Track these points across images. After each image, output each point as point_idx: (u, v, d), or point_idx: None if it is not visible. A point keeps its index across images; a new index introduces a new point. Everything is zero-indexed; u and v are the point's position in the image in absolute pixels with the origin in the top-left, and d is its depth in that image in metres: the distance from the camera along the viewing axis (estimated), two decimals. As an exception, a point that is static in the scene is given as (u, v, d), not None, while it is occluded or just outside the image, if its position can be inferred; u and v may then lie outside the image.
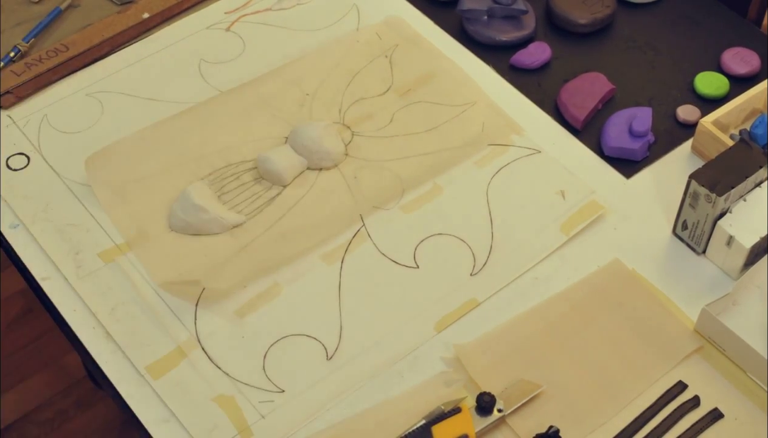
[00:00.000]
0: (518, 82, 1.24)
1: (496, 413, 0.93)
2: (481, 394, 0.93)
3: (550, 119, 1.20)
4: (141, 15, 1.29)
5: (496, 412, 0.93)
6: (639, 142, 1.14)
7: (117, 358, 0.99)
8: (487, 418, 0.93)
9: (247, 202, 1.11)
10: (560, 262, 1.07)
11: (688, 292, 1.04)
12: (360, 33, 1.29)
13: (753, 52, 1.24)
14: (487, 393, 0.93)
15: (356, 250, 1.08)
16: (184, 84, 1.24)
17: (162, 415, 0.95)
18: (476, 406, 0.93)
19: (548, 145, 1.17)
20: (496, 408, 0.93)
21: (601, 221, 1.10)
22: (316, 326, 1.02)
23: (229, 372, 0.98)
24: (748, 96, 1.15)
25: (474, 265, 1.06)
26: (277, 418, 0.95)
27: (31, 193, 1.12)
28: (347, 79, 1.24)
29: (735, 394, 0.96)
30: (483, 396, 0.93)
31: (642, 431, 0.94)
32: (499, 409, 0.93)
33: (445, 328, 1.01)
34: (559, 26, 1.30)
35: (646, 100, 1.22)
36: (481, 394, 0.93)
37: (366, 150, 1.17)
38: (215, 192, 1.11)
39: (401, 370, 0.99)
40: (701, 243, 1.06)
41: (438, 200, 1.12)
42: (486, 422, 0.93)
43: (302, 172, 1.14)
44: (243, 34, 1.30)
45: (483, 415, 0.93)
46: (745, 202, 1.03)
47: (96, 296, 1.03)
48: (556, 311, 1.02)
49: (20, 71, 1.22)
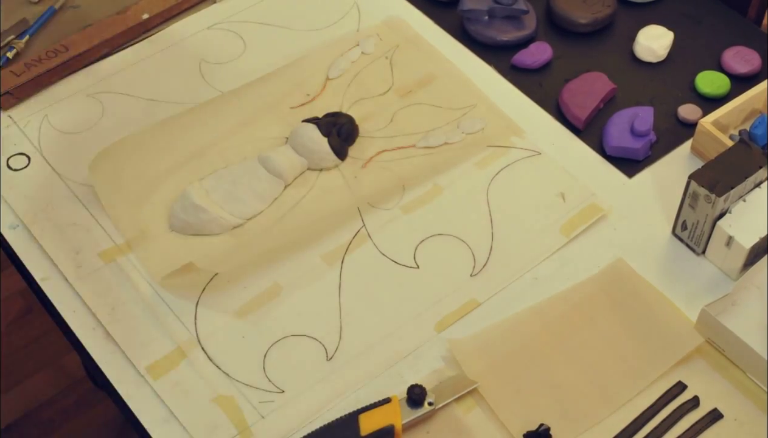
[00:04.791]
0: (519, 82, 1.24)
1: (426, 406, 0.93)
2: (412, 386, 0.93)
3: (551, 119, 1.20)
4: (141, 15, 1.29)
5: (426, 405, 0.93)
6: (641, 141, 1.14)
7: (117, 358, 0.99)
8: (417, 410, 0.93)
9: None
10: (560, 262, 1.07)
11: (688, 292, 1.04)
12: (360, 33, 1.29)
13: (754, 52, 1.24)
14: (417, 385, 0.93)
15: (356, 250, 1.08)
16: (184, 84, 1.24)
17: (162, 416, 0.95)
18: (407, 398, 0.93)
19: (550, 145, 1.17)
20: (427, 401, 0.93)
21: (602, 221, 1.10)
22: (316, 326, 1.02)
23: (229, 372, 0.98)
24: (747, 96, 1.15)
25: (474, 266, 1.06)
26: (277, 418, 0.95)
27: (31, 193, 1.12)
28: (348, 79, 1.24)
29: (735, 394, 0.96)
30: (414, 388, 0.93)
31: (641, 431, 0.94)
32: (429, 401, 0.93)
33: (445, 329, 1.01)
34: (560, 26, 1.30)
35: (647, 100, 1.22)
36: (412, 387, 0.93)
37: (367, 150, 1.17)
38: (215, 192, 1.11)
39: (401, 370, 0.99)
40: (701, 243, 1.06)
41: (438, 201, 1.12)
42: (415, 414, 0.93)
43: (303, 172, 1.14)
44: (243, 34, 1.30)
45: (413, 407, 0.93)
46: (744, 202, 1.03)
47: (96, 296, 1.03)
48: (555, 310, 1.02)
49: (20, 72, 1.22)
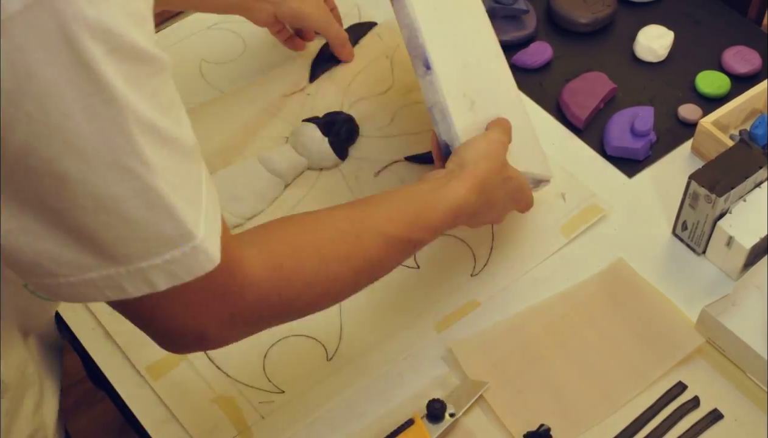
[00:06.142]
0: (520, 81, 1.23)
1: (448, 418, 0.92)
2: (431, 401, 0.92)
3: (552, 119, 1.20)
4: (142, 15, 1.29)
5: (447, 416, 0.93)
6: (641, 141, 1.14)
7: (117, 358, 0.99)
8: (440, 424, 0.92)
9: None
10: (560, 262, 1.07)
11: (688, 292, 1.04)
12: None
13: (754, 51, 1.24)
14: (436, 400, 0.92)
15: (356, 251, 1.07)
16: (184, 84, 1.24)
17: (162, 416, 0.96)
18: (427, 414, 0.93)
19: (550, 145, 1.17)
20: (447, 413, 0.93)
21: (602, 221, 1.10)
22: (316, 326, 1.02)
23: (229, 372, 0.98)
24: (747, 96, 1.15)
25: (474, 266, 1.06)
26: (277, 418, 0.95)
27: (32, 194, 1.12)
28: (348, 78, 1.24)
29: (735, 394, 0.96)
30: (433, 403, 0.92)
31: (642, 432, 0.94)
32: (450, 413, 0.93)
33: (445, 329, 1.01)
34: (561, 26, 1.30)
35: (647, 100, 1.22)
36: (431, 401, 0.92)
37: (367, 150, 1.17)
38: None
39: (401, 370, 0.99)
40: (701, 243, 1.06)
41: (438, 200, 1.12)
42: (440, 429, 0.92)
43: (303, 172, 1.14)
44: (243, 34, 1.30)
45: (435, 422, 0.92)
46: (744, 202, 1.03)
47: (96, 297, 1.03)
48: (556, 310, 1.02)
49: (21, 72, 1.22)
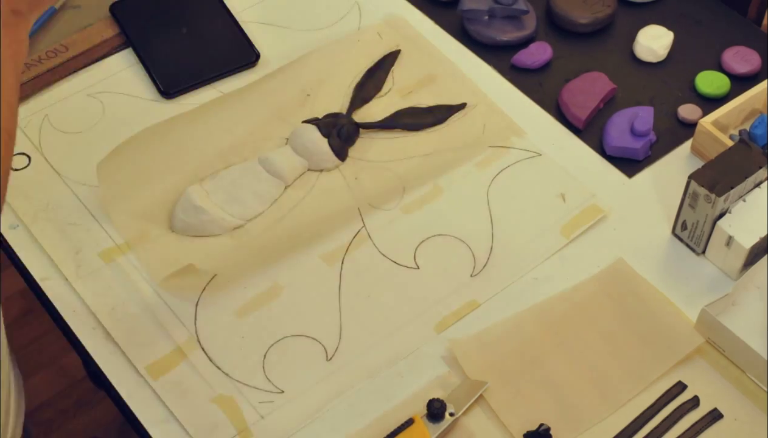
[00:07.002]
0: (519, 82, 1.24)
1: (448, 417, 0.92)
2: (431, 400, 0.92)
3: (551, 119, 1.20)
4: (142, 15, 1.29)
5: (447, 416, 0.92)
6: (641, 141, 1.14)
7: (117, 358, 0.99)
8: (440, 424, 0.92)
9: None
10: (560, 262, 1.07)
11: (688, 292, 1.04)
12: (361, 32, 1.29)
13: (754, 51, 1.24)
14: (436, 399, 0.92)
15: (356, 251, 1.07)
16: (184, 84, 1.24)
17: (162, 416, 0.95)
18: (427, 414, 0.92)
19: (550, 145, 1.17)
20: (447, 413, 0.93)
21: (602, 221, 1.10)
22: (316, 326, 1.02)
23: (228, 372, 0.98)
24: (747, 96, 1.15)
25: (474, 266, 1.06)
26: (277, 418, 0.95)
27: (32, 193, 1.12)
28: (349, 79, 1.24)
29: (735, 394, 0.96)
30: (433, 403, 0.92)
31: (641, 431, 0.94)
32: (450, 412, 0.93)
33: (445, 329, 1.01)
34: (560, 26, 1.30)
35: (647, 100, 1.22)
36: (431, 401, 0.92)
37: (367, 151, 1.17)
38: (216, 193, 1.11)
39: (401, 370, 0.99)
40: (701, 243, 1.06)
41: (438, 201, 1.12)
42: (440, 428, 0.92)
43: (303, 173, 1.14)
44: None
45: (435, 422, 0.92)
46: (744, 202, 1.03)
47: (96, 296, 1.03)
48: (556, 310, 1.02)
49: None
